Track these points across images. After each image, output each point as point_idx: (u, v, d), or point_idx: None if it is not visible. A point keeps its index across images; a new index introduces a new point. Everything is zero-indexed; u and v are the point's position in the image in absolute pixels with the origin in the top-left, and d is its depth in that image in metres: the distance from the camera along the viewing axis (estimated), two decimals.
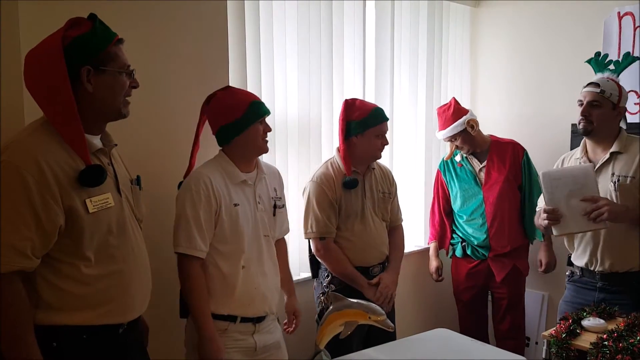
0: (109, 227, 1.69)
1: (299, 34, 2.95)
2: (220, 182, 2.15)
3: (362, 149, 2.73)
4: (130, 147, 2.19)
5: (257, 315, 2.23)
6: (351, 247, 2.76)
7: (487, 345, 2.34)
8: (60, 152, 1.59)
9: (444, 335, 2.43)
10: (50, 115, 1.61)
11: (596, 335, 2.02)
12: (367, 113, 2.71)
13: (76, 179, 1.59)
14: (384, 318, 1.78)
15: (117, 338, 1.74)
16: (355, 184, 2.72)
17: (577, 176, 2.47)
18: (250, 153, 2.26)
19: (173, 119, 2.43)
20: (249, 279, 2.19)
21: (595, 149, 2.60)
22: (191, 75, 2.46)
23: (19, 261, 1.53)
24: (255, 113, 2.20)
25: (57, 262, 1.62)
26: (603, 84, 2.53)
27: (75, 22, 1.65)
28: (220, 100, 2.21)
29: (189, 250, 2.08)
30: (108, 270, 1.69)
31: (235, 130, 2.18)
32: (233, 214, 2.15)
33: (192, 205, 2.07)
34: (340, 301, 1.87)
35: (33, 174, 1.52)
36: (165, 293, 2.21)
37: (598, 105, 2.51)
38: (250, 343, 2.21)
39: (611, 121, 2.54)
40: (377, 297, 2.71)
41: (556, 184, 2.49)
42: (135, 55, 1.97)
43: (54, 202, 1.55)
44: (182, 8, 2.39)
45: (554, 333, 2.10)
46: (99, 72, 1.64)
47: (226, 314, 2.16)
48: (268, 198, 2.33)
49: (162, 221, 2.28)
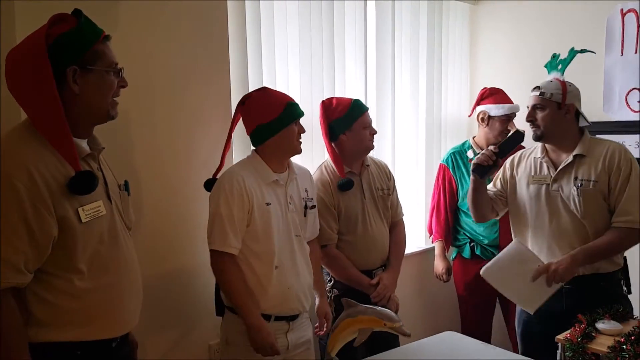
0: (101, 236, 1.59)
1: (301, 34, 2.91)
2: (253, 182, 2.16)
3: (354, 144, 2.68)
4: (122, 150, 2.16)
5: (292, 314, 2.23)
6: (354, 251, 2.69)
7: (498, 349, 2.29)
8: (49, 158, 1.49)
9: (454, 338, 2.40)
10: (35, 119, 1.50)
11: (613, 339, 1.98)
12: (348, 107, 2.67)
13: (67, 187, 1.49)
14: (400, 324, 1.73)
15: (110, 352, 1.66)
16: (350, 184, 2.66)
17: (513, 257, 2.43)
18: (284, 153, 2.27)
19: (173, 120, 2.37)
20: (282, 279, 2.19)
21: (556, 150, 2.52)
22: (191, 76, 2.41)
23: (13, 277, 1.43)
24: (291, 114, 2.22)
25: (49, 275, 1.52)
26: (544, 86, 2.46)
27: (58, 18, 1.54)
28: (257, 100, 2.22)
29: (222, 247, 2.09)
30: (101, 282, 1.60)
31: (272, 130, 2.19)
32: (265, 213, 2.16)
33: (226, 203, 2.09)
34: (353, 307, 1.82)
35: (24, 183, 1.42)
36: (156, 303, 2.16)
37: (541, 107, 2.45)
38: (283, 342, 2.20)
39: (560, 121, 2.44)
40: (373, 296, 2.65)
41: (501, 275, 2.46)
42: (135, 55, 1.94)
43: (47, 213, 1.45)
44: (182, 8, 2.34)
45: (569, 336, 2.05)
46: (85, 71, 1.53)
47: (261, 313, 2.15)
48: (299, 198, 2.33)
49: (154, 228, 2.25)
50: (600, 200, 2.39)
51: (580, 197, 2.39)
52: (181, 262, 2.37)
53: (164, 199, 2.34)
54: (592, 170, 2.40)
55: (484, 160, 2.49)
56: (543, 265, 2.37)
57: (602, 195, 2.39)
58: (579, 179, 2.41)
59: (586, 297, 2.37)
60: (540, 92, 2.46)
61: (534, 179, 2.55)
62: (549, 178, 2.49)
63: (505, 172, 2.69)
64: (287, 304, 2.21)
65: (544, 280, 2.35)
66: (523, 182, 2.59)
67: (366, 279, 2.69)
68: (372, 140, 2.72)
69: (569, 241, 2.43)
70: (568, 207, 2.43)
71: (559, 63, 2.57)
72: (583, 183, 2.40)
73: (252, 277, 2.15)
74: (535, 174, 2.56)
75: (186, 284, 2.41)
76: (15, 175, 1.42)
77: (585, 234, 2.41)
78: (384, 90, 3.46)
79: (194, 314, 2.46)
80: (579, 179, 2.41)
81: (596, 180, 2.38)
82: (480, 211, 2.68)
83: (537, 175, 2.55)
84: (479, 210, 2.68)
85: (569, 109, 2.45)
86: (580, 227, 2.41)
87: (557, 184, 2.47)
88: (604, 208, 2.40)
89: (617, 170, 2.37)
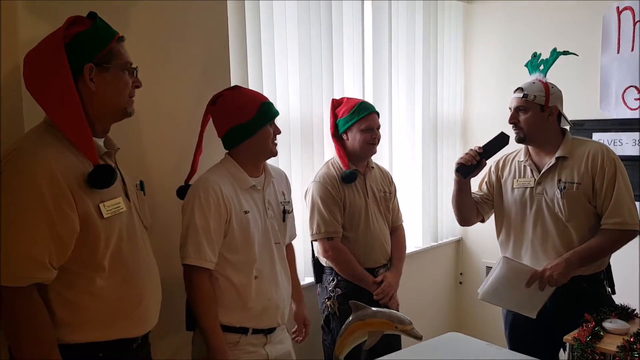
0: (120, 233, 1.61)
1: (300, 34, 2.89)
2: (230, 189, 2.04)
3: (352, 145, 2.70)
4: (125, 151, 2.10)
5: (270, 326, 2.15)
6: (356, 248, 2.70)
7: (503, 349, 2.28)
8: (68, 156, 1.51)
9: (458, 339, 2.37)
10: (55, 117, 1.53)
11: (622, 338, 1.97)
12: (351, 108, 2.68)
13: (86, 182, 1.51)
14: (412, 327, 1.70)
15: (131, 354, 1.67)
16: (354, 176, 2.66)
17: (506, 276, 2.40)
18: (259, 157, 2.16)
19: (172, 121, 2.32)
20: (262, 290, 2.10)
21: (539, 153, 2.50)
22: (192, 76, 2.36)
23: (39, 273, 1.45)
24: (266, 114, 2.10)
25: (72, 274, 1.52)
26: (527, 87, 2.44)
27: (75, 20, 1.58)
28: (229, 100, 2.10)
29: (197, 261, 1.96)
30: (121, 280, 1.61)
31: (246, 132, 2.07)
32: (244, 222, 2.05)
33: (201, 214, 1.96)
34: (362, 310, 1.78)
35: (47, 180, 1.43)
36: (170, 304, 2.11)
37: (524, 110, 2.43)
38: (262, 355, 2.12)
39: (542, 123, 2.42)
40: (377, 294, 2.65)
41: (498, 295, 2.45)
42: (134, 55, 1.89)
43: (70, 209, 1.47)
44: (181, 8, 2.30)
45: (577, 336, 2.04)
46: (101, 69, 1.57)
47: (238, 326, 2.07)
48: (277, 203, 2.24)
49: (166, 229, 2.19)
50: (584, 202, 2.38)
51: (564, 200, 2.38)
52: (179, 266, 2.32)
53: (163, 201, 2.30)
54: (575, 172, 2.38)
55: (468, 160, 2.47)
56: (538, 271, 2.36)
57: (586, 197, 2.37)
58: (562, 182, 2.40)
59: (569, 299, 2.38)
60: (523, 94, 2.43)
61: (518, 183, 2.53)
62: (533, 181, 2.48)
63: (490, 175, 2.68)
64: (266, 317, 2.12)
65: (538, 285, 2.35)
66: (508, 186, 2.58)
67: (370, 277, 2.69)
68: (372, 145, 2.70)
69: (553, 244, 2.42)
70: (552, 210, 2.42)
71: (540, 63, 2.55)
72: (566, 185, 2.38)
73: (230, 289, 2.05)
74: (519, 177, 2.54)
75: (182, 288, 2.36)
76: (38, 173, 1.43)
77: (570, 237, 2.40)
78: (381, 88, 3.45)
79: None
80: (562, 182, 2.40)
81: (579, 182, 2.37)
82: (464, 213, 2.65)
83: (521, 178, 2.54)
84: (463, 213, 2.65)
85: (552, 111, 2.43)
86: (565, 230, 2.40)
87: (541, 187, 2.46)
88: (588, 210, 2.39)
89: (601, 171, 2.35)
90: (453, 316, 4.22)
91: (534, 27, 3.74)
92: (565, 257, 2.35)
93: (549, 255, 2.42)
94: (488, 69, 4.05)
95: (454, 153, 4.08)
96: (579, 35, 3.47)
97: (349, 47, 3.20)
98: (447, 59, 4.00)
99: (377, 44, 3.42)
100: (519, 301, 2.43)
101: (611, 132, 3.39)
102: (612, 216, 2.34)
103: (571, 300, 2.38)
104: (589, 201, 2.38)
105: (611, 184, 2.34)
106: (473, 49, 4.14)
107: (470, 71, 4.16)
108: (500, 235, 2.63)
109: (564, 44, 2.63)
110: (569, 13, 3.56)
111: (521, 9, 3.82)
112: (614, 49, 3.37)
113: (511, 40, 3.88)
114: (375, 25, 3.41)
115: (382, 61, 3.44)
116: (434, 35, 3.83)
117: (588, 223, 2.40)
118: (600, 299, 2.38)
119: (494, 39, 4.01)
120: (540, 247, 2.46)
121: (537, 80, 2.47)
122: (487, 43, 4.06)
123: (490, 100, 4.02)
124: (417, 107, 3.73)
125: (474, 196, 2.66)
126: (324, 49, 3.02)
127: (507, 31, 3.93)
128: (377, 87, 3.42)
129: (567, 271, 2.33)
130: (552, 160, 2.43)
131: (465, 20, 4.14)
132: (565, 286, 2.35)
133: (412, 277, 3.68)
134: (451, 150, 4.09)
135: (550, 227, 2.43)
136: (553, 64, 2.54)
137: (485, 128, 3.63)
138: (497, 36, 3.99)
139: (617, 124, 3.39)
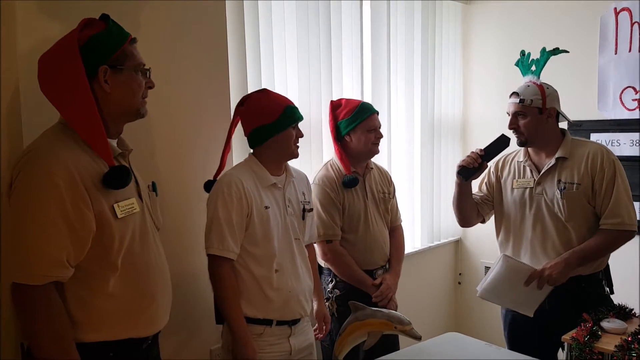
0: (133, 234, 1.63)
1: (298, 34, 2.89)
2: (252, 185, 2.13)
3: (356, 146, 2.69)
4: (135, 152, 2.11)
5: (293, 318, 2.20)
6: (355, 250, 2.70)
7: (502, 349, 2.29)
8: (84, 157, 1.53)
9: (457, 339, 2.38)
10: (70, 119, 1.55)
11: (620, 338, 1.98)
12: (353, 109, 2.68)
13: (101, 182, 1.53)
14: (411, 327, 1.71)
15: (141, 353, 1.69)
16: (355, 182, 2.66)
17: (506, 274, 2.40)
18: (281, 157, 2.25)
19: (171, 122, 2.33)
20: (283, 282, 2.16)
21: (539, 154, 2.52)
22: (191, 77, 2.37)
23: (57, 271, 1.47)
24: (290, 117, 2.19)
25: (86, 273, 1.55)
26: (522, 92, 2.45)
27: (88, 22, 1.60)
28: (256, 101, 2.20)
29: (220, 251, 2.05)
30: (134, 280, 1.64)
31: (270, 132, 2.17)
32: (264, 216, 2.13)
33: (224, 207, 2.05)
34: (362, 310, 1.80)
35: (64, 180, 1.46)
36: (174, 303, 2.13)
37: (523, 115, 2.43)
38: (285, 347, 2.19)
39: (542, 126, 2.43)
40: (375, 296, 2.65)
41: (497, 293, 2.46)
42: None
43: (86, 208, 1.49)
44: (180, 8, 2.30)
45: (575, 336, 2.05)
46: (115, 71, 1.59)
47: (262, 318, 2.13)
48: (297, 202, 2.31)
49: (175, 230, 2.23)
50: (584, 202, 2.39)
51: (564, 200, 2.39)
52: (182, 267, 2.33)
53: (171, 201, 2.31)
54: (575, 173, 2.40)
55: (470, 163, 2.48)
56: (536, 270, 2.37)
57: (585, 198, 2.38)
58: (562, 182, 2.41)
59: (568, 299, 2.39)
60: (519, 99, 2.43)
61: (518, 183, 2.54)
62: (532, 182, 2.49)
63: (490, 176, 2.68)
64: (288, 308, 2.18)
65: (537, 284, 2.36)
66: (508, 186, 2.59)
67: (369, 279, 2.69)
68: (376, 144, 2.72)
69: (552, 244, 2.44)
70: (552, 210, 2.43)
71: (532, 63, 2.56)
72: (566, 186, 2.39)
73: (252, 281, 2.12)
74: (519, 177, 2.55)
75: (187, 288, 2.37)
76: (56, 173, 1.45)
77: (569, 237, 2.41)
78: (380, 89, 3.45)
79: (195, 319, 2.42)
80: (562, 182, 2.41)
81: (579, 183, 2.38)
82: (465, 215, 2.66)
83: (521, 179, 2.55)
84: (464, 214, 2.66)
85: (550, 113, 2.44)
86: (564, 230, 2.41)
87: (541, 187, 2.47)
88: (588, 210, 2.40)
89: (601, 172, 2.36)
90: (452, 316, 4.23)
91: (532, 27, 3.75)
92: (564, 256, 2.36)
93: (549, 255, 2.43)
94: (486, 69, 4.06)
95: (452, 153, 4.09)
96: (577, 35, 3.48)
97: (348, 47, 3.20)
98: (445, 59, 4.00)
99: (376, 45, 3.42)
100: (517, 299, 2.44)
101: (609, 133, 3.40)
102: (611, 216, 2.35)
103: (570, 300, 2.39)
104: (589, 201, 2.39)
105: (610, 184, 2.35)
106: (471, 50, 4.14)
107: (468, 72, 4.17)
108: (500, 235, 2.64)
109: (562, 44, 2.63)
110: (567, 14, 3.57)
111: (519, 10, 3.83)
112: (612, 49, 3.37)
113: (509, 41, 3.88)
114: (374, 26, 3.41)
115: (380, 62, 3.44)
116: (432, 35, 3.83)
117: (587, 223, 2.41)
118: (598, 299, 2.39)
119: (492, 39, 4.02)
120: (540, 247, 2.47)
121: (531, 83, 2.48)
122: (486, 44, 4.06)
123: (488, 100, 4.03)
124: (416, 107, 3.73)
125: (475, 197, 2.67)
126: (322, 49, 3.02)
127: (506, 32, 3.93)
128: (375, 87, 3.42)
129: (565, 271, 2.33)
130: (552, 161, 2.44)
131: (464, 20, 4.14)
132: (564, 286, 2.36)
133: (411, 277, 3.69)
134: (450, 151, 4.09)
135: (549, 227, 2.44)
136: (545, 64, 2.55)
137: (484, 128, 3.65)
138: (496, 37, 4.00)
139: (614, 124, 3.40)
